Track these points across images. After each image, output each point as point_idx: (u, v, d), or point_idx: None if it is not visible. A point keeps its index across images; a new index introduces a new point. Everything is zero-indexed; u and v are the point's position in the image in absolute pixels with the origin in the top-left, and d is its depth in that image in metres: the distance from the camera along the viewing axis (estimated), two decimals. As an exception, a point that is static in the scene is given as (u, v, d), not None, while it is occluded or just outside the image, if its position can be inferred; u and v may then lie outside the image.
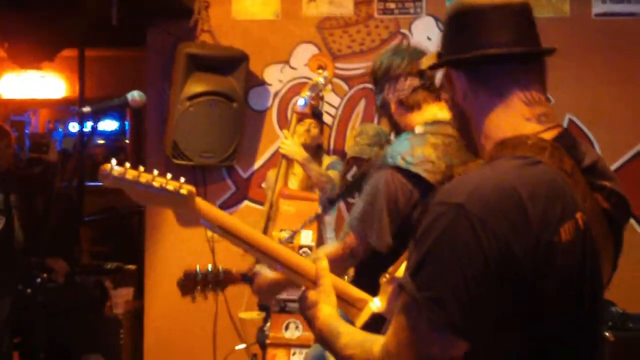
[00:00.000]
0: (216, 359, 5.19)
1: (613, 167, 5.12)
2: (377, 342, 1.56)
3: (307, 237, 4.35)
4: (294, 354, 4.32)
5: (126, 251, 6.55)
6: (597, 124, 5.17)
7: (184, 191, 1.75)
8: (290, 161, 4.58)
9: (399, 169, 2.73)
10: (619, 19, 5.18)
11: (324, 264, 1.91)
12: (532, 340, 1.47)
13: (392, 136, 3.16)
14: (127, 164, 1.71)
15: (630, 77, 5.14)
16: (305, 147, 4.66)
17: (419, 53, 2.90)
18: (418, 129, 2.79)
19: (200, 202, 1.81)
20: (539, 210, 1.43)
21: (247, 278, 3.20)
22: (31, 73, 7.23)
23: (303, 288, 1.90)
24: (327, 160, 4.88)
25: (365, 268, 2.86)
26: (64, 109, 8.60)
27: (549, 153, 1.53)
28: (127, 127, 8.42)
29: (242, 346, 4.86)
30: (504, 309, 1.42)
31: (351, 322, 1.89)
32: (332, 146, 5.37)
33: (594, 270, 1.53)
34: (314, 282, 1.88)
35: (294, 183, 4.78)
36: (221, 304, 4.82)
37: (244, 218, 5.30)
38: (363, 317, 1.94)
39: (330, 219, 4.86)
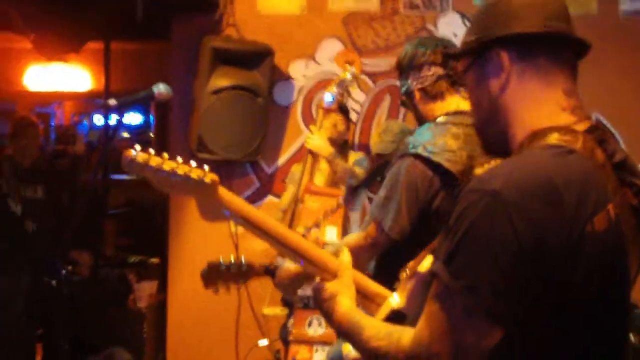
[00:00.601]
0: (238, 354, 5.15)
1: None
2: (405, 333, 1.54)
3: (332, 233, 4.34)
4: (316, 350, 4.31)
5: (150, 244, 6.55)
6: (623, 123, 5.10)
7: (207, 179, 1.73)
8: (316, 157, 4.57)
9: (420, 157, 2.76)
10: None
11: (347, 257, 1.90)
12: (561, 329, 1.47)
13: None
14: (151, 150, 1.68)
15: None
16: (332, 142, 4.65)
17: (444, 42, 2.92)
18: (440, 119, 2.81)
19: (223, 191, 1.80)
20: (574, 199, 1.42)
21: (270, 271, 3.21)
22: (56, 65, 7.25)
23: (318, 279, 1.89)
24: (353, 156, 4.86)
25: (385, 261, 2.88)
26: (89, 102, 8.63)
27: (582, 144, 1.51)
28: (152, 121, 8.43)
29: (264, 342, 4.84)
30: (537, 296, 1.42)
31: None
32: (357, 142, 5.34)
33: (623, 263, 1.53)
34: (335, 276, 1.88)
35: (319, 179, 4.76)
36: (244, 299, 4.78)
37: (268, 213, 5.27)
38: (382, 313, 1.91)
39: (355, 215, 4.85)
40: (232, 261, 3.08)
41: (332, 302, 1.81)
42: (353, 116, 5.26)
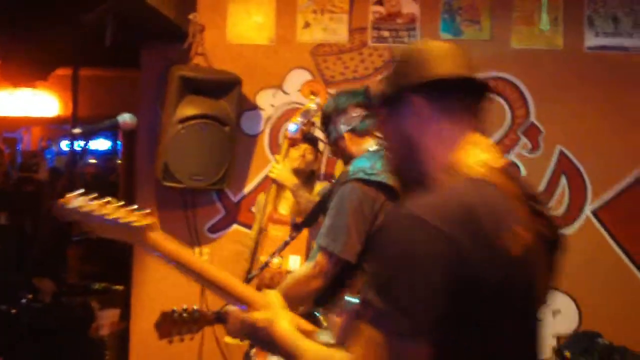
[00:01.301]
0: (202, 383, 5.17)
1: (604, 198, 5.16)
2: (344, 356, 1.60)
3: (295, 261, 4.34)
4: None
5: (114, 271, 6.51)
6: (588, 156, 5.20)
7: (138, 224, 1.76)
8: (280, 186, 4.58)
9: (360, 180, 2.94)
10: (611, 53, 5.22)
11: (276, 294, 1.95)
12: (487, 342, 1.58)
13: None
14: (90, 196, 1.73)
15: (621, 110, 5.18)
16: (298, 172, 4.66)
17: (361, 91, 3.24)
18: (373, 148, 3.08)
19: (156, 235, 1.83)
20: (492, 223, 1.56)
21: (221, 317, 3.20)
22: (24, 91, 7.23)
23: (245, 313, 1.91)
24: (318, 186, 4.88)
25: (335, 289, 2.99)
26: (57, 128, 8.60)
27: (498, 178, 1.68)
28: (119, 147, 8.41)
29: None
30: (465, 313, 1.52)
31: None
32: (323, 172, 5.36)
33: (537, 283, 1.68)
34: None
35: (285, 207, 4.77)
36: (207, 328, 4.79)
37: (233, 241, 5.29)
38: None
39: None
40: (185, 309, 3.07)
41: (269, 329, 1.84)
42: (320, 146, 5.29)
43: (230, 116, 5.15)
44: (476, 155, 1.72)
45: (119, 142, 8.35)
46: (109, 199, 1.74)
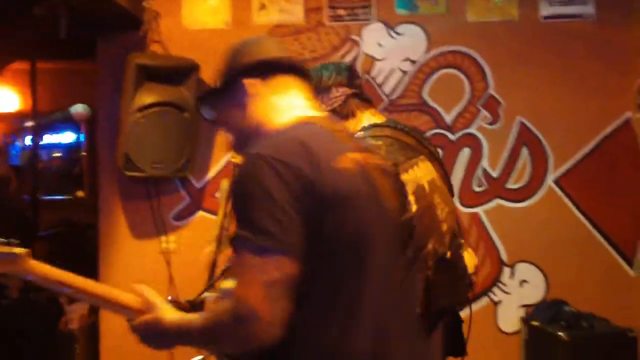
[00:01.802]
0: (175, 372, 5.15)
1: (564, 168, 5.20)
2: (225, 302, 1.74)
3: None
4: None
5: (82, 265, 6.46)
6: (548, 126, 5.23)
7: (16, 251, 1.84)
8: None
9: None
10: (566, 21, 5.24)
11: (148, 290, 2.01)
12: (330, 261, 1.78)
13: None
14: None
15: (578, 78, 5.21)
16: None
17: (345, 66, 3.07)
18: (358, 135, 2.87)
19: (32, 261, 1.92)
20: (317, 146, 1.81)
21: (196, 306, 3.19)
22: (-18, 87, 7.15)
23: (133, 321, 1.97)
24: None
25: None
26: (18, 123, 8.50)
27: (319, 120, 1.99)
28: (83, 139, 8.33)
29: (198, 357, 4.81)
30: (312, 225, 1.73)
31: None
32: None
33: (378, 201, 1.91)
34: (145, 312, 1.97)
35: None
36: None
37: (199, 228, 5.27)
38: None
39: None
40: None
41: (158, 324, 1.91)
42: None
43: (189, 102, 5.10)
44: (300, 111, 2.02)
45: (82, 134, 8.28)
46: None
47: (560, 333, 4.58)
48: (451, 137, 5.24)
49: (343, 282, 1.80)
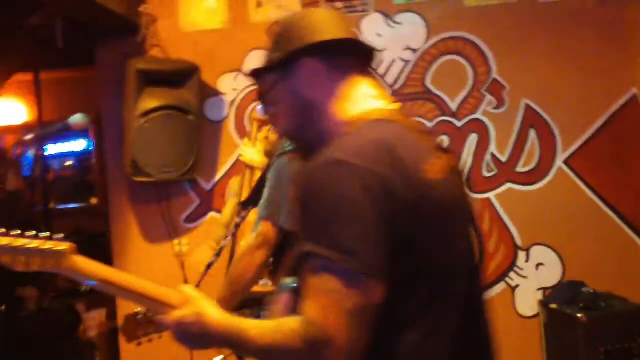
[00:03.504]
0: (195, 373, 5.16)
1: (572, 148, 5.14)
2: (291, 321, 1.54)
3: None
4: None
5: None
6: (554, 106, 5.17)
7: (57, 248, 1.69)
8: (253, 169, 4.55)
9: (294, 151, 2.91)
10: (564, 1, 5.17)
11: (191, 288, 1.83)
12: (419, 275, 1.60)
13: None
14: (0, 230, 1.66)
15: (579, 57, 5.14)
16: (268, 153, 4.63)
17: None
18: None
19: (76, 258, 1.73)
20: (405, 154, 1.61)
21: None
22: (-11, 101, 7.16)
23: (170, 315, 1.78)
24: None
25: (280, 259, 3.01)
26: (23, 135, 8.51)
27: (397, 117, 1.76)
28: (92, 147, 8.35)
29: (219, 358, 4.82)
30: (401, 245, 1.54)
31: None
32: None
33: (461, 210, 1.77)
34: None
35: (258, 191, 4.75)
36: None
37: (211, 229, 5.27)
38: None
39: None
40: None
41: (199, 321, 1.71)
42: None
43: (192, 105, 5.11)
44: (371, 103, 1.79)
45: (89, 142, 8.30)
46: (19, 231, 1.67)
47: (579, 314, 4.54)
48: (457, 123, 5.20)
49: (431, 303, 1.63)
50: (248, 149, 4.53)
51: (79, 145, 8.95)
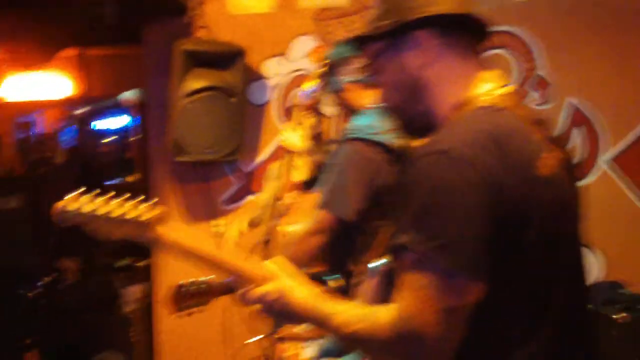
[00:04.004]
0: (228, 353, 5.21)
1: (617, 148, 5.09)
2: (382, 311, 1.53)
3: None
4: (305, 346, 4.32)
5: (137, 248, 6.56)
6: (599, 105, 5.11)
7: (145, 218, 1.67)
8: (293, 153, 4.57)
9: (361, 140, 2.86)
10: (617, -3, 5.11)
11: (282, 261, 1.81)
12: (525, 276, 1.56)
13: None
14: (92, 193, 1.64)
15: (628, 55, 5.07)
16: (316, 138, 4.65)
17: None
18: (377, 103, 2.89)
19: (164, 229, 1.73)
20: (514, 148, 1.53)
21: (229, 287, 3.18)
22: (34, 74, 7.23)
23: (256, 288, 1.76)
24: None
25: (335, 248, 2.98)
26: (70, 109, 8.60)
27: (508, 103, 1.65)
28: (133, 124, 8.41)
29: (253, 339, 4.86)
30: (503, 246, 1.49)
31: None
32: (334, 136, 5.34)
33: (572, 205, 1.71)
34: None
35: (295, 176, 4.76)
36: (230, 298, 4.82)
37: (248, 212, 5.31)
38: None
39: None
40: (193, 282, 3.03)
41: (284, 298, 1.71)
42: (330, 111, 5.27)
43: (236, 87, 5.14)
44: (482, 87, 1.68)
45: (132, 120, 8.37)
46: (112, 194, 1.66)
47: (614, 315, 4.51)
48: (500, 118, 5.17)
49: (532, 305, 1.59)
50: (290, 134, 4.55)
51: (118, 122, 9.04)
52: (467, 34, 1.73)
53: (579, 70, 5.11)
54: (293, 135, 4.53)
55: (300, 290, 1.71)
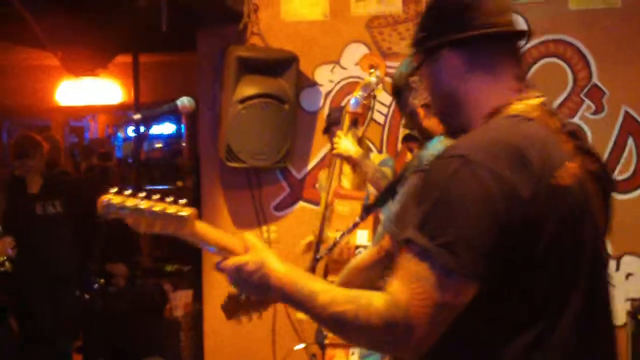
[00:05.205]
0: (276, 358, 5.23)
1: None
2: (375, 296, 1.53)
3: (362, 236, 4.34)
4: (352, 354, 4.31)
5: (185, 254, 6.62)
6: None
7: (184, 213, 1.70)
8: (344, 160, 4.57)
9: None
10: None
11: (254, 237, 1.76)
12: (536, 282, 1.54)
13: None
14: (126, 192, 1.71)
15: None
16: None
17: None
18: None
19: (199, 223, 1.75)
20: (536, 157, 1.52)
21: None
22: (87, 80, 7.34)
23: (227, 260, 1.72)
24: (376, 157, 4.85)
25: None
26: (121, 114, 8.73)
27: (537, 114, 1.65)
28: (183, 130, 8.50)
29: (301, 346, 4.86)
30: (512, 251, 1.49)
31: None
32: (384, 145, 5.35)
33: (592, 217, 1.63)
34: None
35: (345, 183, 4.76)
36: (279, 305, 4.83)
37: (299, 219, 5.33)
38: None
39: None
40: None
41: (263, 269, 1.66)
42: (380, 119, 5.28)
43: (289, 94, 5.16)
44: (512, 96, 1.69)
45: (182, 126, 8.46)
46: (145, 193, 1.71)
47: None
48: (554, 127, 5.13)
49: (545, 315, 1.57)
50: (343, 140, 4.55)
51: (167, 128, 9.14)
52: (500, 45, 1.73)
53: (635, 79, 5.05)
54: (346, 141, 4.53)
55: (282, 264, 1.67)
